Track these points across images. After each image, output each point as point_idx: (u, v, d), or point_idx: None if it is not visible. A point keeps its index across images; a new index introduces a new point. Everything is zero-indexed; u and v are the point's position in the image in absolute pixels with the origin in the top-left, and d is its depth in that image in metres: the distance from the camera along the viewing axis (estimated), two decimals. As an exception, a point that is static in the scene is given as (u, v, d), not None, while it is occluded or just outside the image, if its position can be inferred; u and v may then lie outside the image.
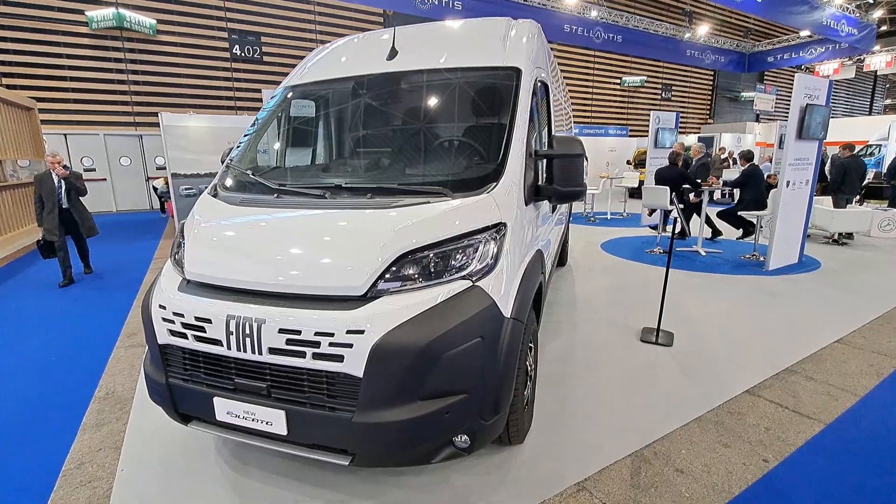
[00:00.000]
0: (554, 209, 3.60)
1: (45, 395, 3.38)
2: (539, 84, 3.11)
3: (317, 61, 3.37)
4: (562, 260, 6.63)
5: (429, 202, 2.17)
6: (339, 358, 1.84)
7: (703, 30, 22.68)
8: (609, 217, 11.62)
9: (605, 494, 2.30)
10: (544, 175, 2.75)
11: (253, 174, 2.77)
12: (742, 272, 6.50)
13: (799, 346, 4.03)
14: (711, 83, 27.29)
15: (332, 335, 1.84)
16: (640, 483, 2.38)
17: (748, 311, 4.93)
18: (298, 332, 1.88)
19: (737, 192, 8.07)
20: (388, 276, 1.95)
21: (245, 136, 3.07)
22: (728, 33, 24.94)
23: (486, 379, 1.98)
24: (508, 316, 2.07)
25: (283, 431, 1.98)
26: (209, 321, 2.02)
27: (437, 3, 14.41)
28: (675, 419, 2.93)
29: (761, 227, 7.48)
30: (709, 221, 8.02)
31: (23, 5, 12.49)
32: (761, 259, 6.97)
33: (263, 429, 2.01)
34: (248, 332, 1.94)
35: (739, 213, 7.68)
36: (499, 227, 2.17)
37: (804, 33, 21.70)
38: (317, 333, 1.86)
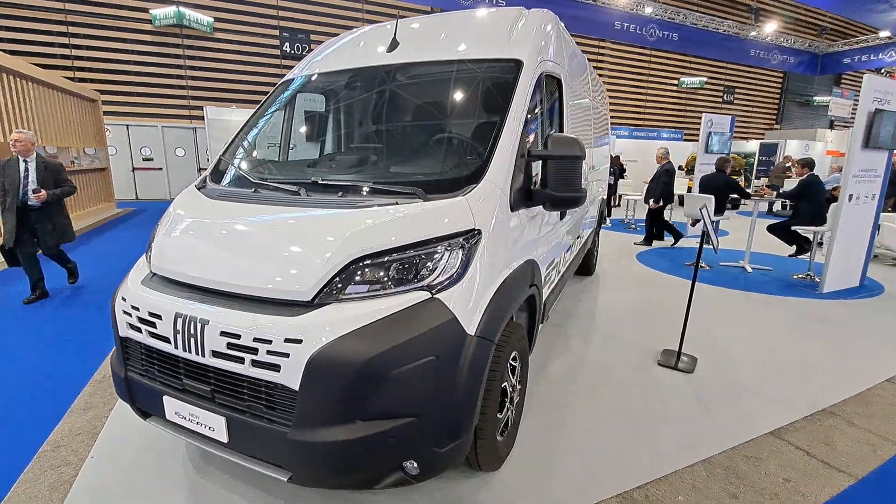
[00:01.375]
0: (562, 215, 3.32)
1: (49, 374, 3.49)
2: (547, 79, 2.86)
3: (325, 53, 3.29)
4: (588, 269, 6.26)
5: (397, 203, 2.01)
6: (276, 367, 1.71)
7: (770, 28, 21.02)
8: (651, 225, 10.94)
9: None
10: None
11: (239, 168, 2.71)
12: (791, 293, 5.88)
13: (844, 382, 3.53)
14: (780, 86, 25.29)
15: (269, 342, 1.71)
16: (623, 530, 2.10)
17: (791, 338, 4.41)
18: (238, 337, 1.76)
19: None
20: (338, 281, 1.80)
21: (242, 127, 3.01)
22: (799, 32, 23.00)
23: (442, 402, 1.79)
24: (472, 333, 1.87)
25: (224, 439, 1.88)
26: (160, 317, 1.95)
27: (482, -1, 14.17)
28: (680, 458, 2.60)
29: (820, 243, 6.76)
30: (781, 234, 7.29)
31: (93, 3, 13.39)
32: (816, 280, 6.29)
33: (206, 433, 1.92)
34: (192, 331, 1.84)
35: (793, 227, 6.97)
36: (471, 234, 1.96)
37: (884, 34, 19.64)
38: (255, 339, 1.73)
